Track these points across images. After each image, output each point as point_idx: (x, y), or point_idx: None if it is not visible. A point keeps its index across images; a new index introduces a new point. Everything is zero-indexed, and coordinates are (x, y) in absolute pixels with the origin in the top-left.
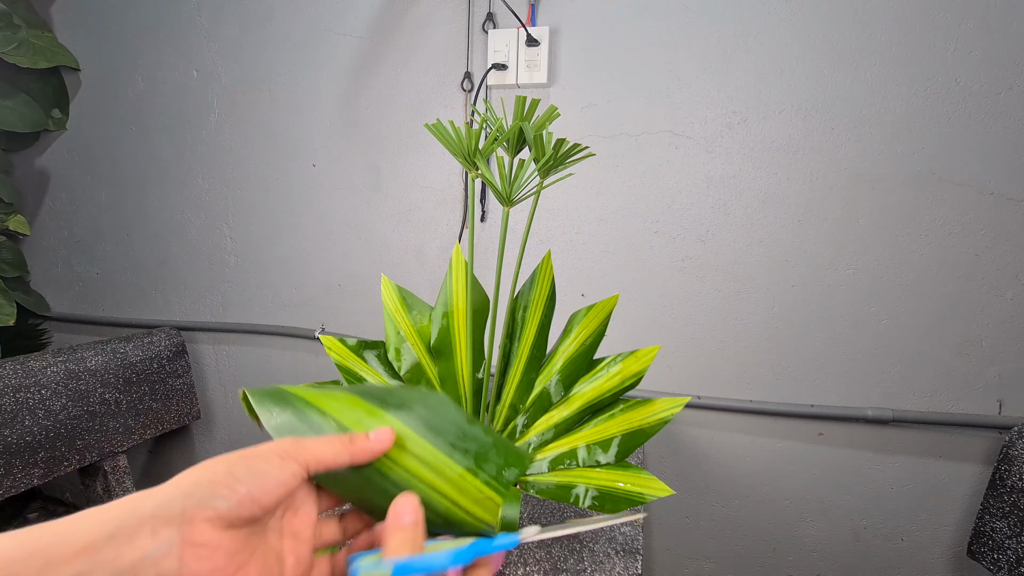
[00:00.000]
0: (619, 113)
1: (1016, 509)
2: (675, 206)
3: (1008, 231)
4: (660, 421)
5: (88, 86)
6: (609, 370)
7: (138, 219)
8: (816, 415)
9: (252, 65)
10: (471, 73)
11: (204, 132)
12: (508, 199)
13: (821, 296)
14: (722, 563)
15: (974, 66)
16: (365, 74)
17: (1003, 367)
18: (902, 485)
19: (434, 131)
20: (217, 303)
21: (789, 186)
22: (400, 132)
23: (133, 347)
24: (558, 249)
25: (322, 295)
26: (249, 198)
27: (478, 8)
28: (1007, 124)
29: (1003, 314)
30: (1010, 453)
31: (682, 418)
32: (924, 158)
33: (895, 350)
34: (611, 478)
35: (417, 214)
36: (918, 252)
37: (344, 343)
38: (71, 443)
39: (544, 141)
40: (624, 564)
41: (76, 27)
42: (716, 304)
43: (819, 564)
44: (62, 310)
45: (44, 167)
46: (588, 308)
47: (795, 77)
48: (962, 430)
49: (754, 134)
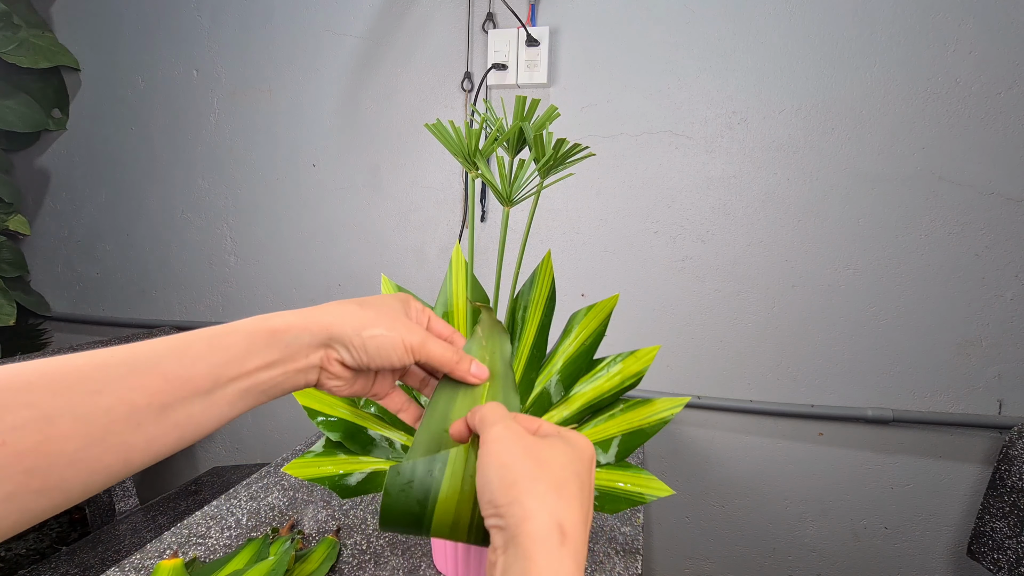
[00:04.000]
0: (619, 113)
1: (1016, 509)
2: (675, 206)
3: (1008, 231)
4: (660, 421)
5: (88, 86)
6: (609, 370)
7: (138, 219)
8: (816, 415)
9: (252, 65)
10: (471, 73)
11: (204, 132)
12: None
13: (821, 296)
14: (722, 563)
15: (974, 66)
16: (365, 74)
17: (1003, 367)
18: (902, 485)
19: (434, 131)
20: (217, 303)
21: (789, 186)
22: (400, 132)
23: None
24: (558, 249)
25: (322, 295)
26: (249, 198)
27: (478, 8)
28: (1007, 124)
29: (1003, 314)
30: (1010, 453)
31: (682, 418)
32: (924, 158)
33: (895, 350)
34: (611, 478)
35: (417, 214)
36: (918, 252)
37: None
38: None
39: (544, 141)
40: (624, 564)
41: (76, 27)
42: (716, 304)
43: (819, 564)
44: (62, 310)
45: (44, 167)
46: (588, 308)
47: (795, 77)
48: (962, 430)
49: (754, 134)
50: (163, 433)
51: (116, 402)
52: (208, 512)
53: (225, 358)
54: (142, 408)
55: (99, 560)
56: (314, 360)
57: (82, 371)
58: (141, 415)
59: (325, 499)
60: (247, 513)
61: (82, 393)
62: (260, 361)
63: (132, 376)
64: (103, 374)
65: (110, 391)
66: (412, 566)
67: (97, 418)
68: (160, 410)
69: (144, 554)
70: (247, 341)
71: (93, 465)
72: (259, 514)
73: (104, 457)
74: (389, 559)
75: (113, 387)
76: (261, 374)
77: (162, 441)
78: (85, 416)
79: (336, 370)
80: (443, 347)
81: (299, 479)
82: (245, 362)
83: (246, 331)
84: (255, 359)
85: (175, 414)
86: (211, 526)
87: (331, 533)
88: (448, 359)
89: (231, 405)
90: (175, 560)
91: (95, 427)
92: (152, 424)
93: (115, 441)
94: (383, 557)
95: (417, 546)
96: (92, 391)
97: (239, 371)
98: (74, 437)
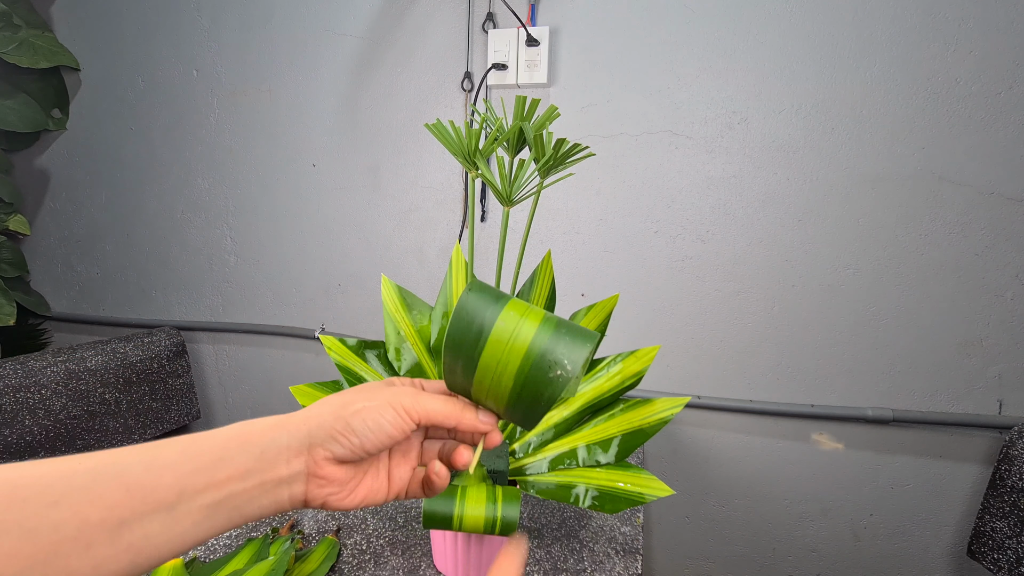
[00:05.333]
0: (619, 113)
1: (1016, 509)
2: (675, 206)
3: (1008, 231)
4: (660, 421)
5: (88, 86)
6: (609, 370)
7: (138, 219)
8: (816, 415)
9: (252, 65)
10: (471, 73)
11: (204, 132)
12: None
13: (821, 296)
14: (722, 563)
15: (974, 66)
16: (365, 74)
17: (1003, 367)
18: (902, 485)
19: (434, 131)
20: (217, 303)
21: (789, 186)
22: (400, 132)
23: (133, 347)
24: (558, 249)
25: (322, 295)
26: (249, 198)
27: (478, 8)
28: (1007, 124)
29: (1003, 314)
30: (1010, 453)
31: (682, 418)
32: (924, 158)
33: (895, 350)
34: (611, 478)
35: (417, 214)
36: (918, 252)
37: (344, 343)
38: (71, 443)
39: (544, 141)
40: (624, 564)
41: (76, 27)
42: (716, 304)
43: (819, 564)
44: (62, 310)
45: (44, 167)
46: (588, 308)
47: (795, 77)
48: (962, 430)
49: (754, 134)
50: (113, 556)
51: (69, 516)
52: None
53: (195, 466)
54: (94, 524)
55: None
56: (297, 467)
57: (45, 480)
58: (93, 533)
59: None
60: None
61: (37, 505)
62: (232, 470)
63: (94, 486)
64: (65, 484)
65: (67, 503)
66: (412, 566)
67: (45, 535)
68: (115, 528)
69: None
70: (220, 447)
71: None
72: None
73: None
74: (389, 559)
75: (71, 499)
76: (234, 485)
77: (111, 567)
78: (32, 531)
79: (329, 472)
80: (442, 400)
81: None
82: (215, 471)
83: (222, 437)
84: (227, 468)
85: (130, 533)
86: None
87: (331, 533)
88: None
89: (196, 525)
90: (175, 560)
91: (41, 546)
92: (103, 544)
93: (60, 565)
94: (383, 557)
95: (417, 546)
96: (48, 503)
97: (208, 481)
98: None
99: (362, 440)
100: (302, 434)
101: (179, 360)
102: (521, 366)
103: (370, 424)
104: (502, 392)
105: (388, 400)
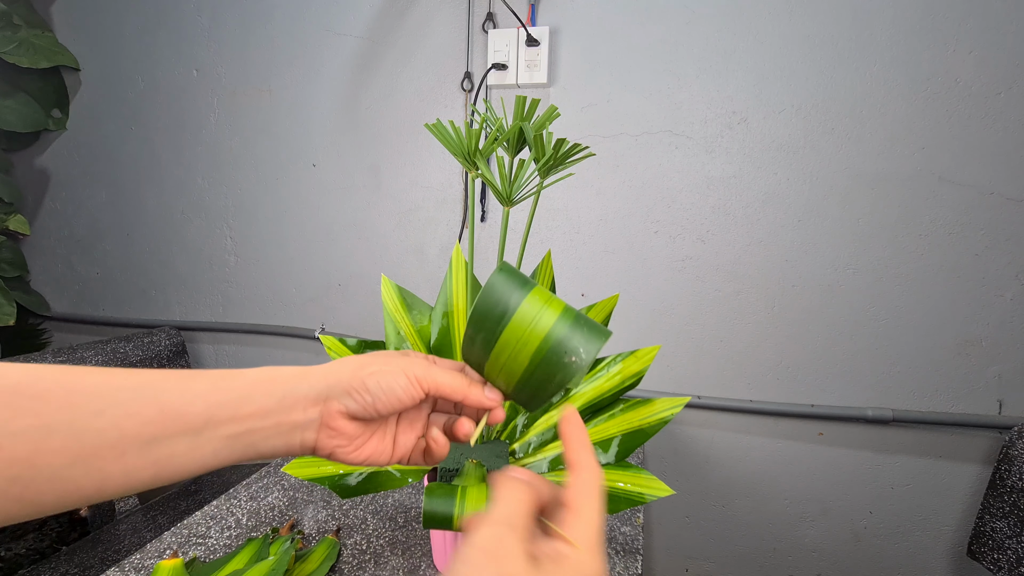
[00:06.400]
0: (619, 113)
1: (1016, 509)
2: (675, 206)
3: (1008, 231)
4: (660, 421)
5: (88, 86)
6: (609, 370)
7: (138, 219)
8: (816, 415)
9: (252, 65)
10: (471, 73)
11: (204, 132)
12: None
13: (821, 296)
14: (722, 563)
15: (974, 66)
16: (365, 74)
17: (1003, 367)
18: (902, 485)
19: (434, 131)
20: (217, 303)
21: (789, 186)
22: (400, 132)
23: (133, 347)
24: (558, 249)
25: (322, 295)
26: (249, 198)
27: (478, 8)
28: (1007, 124)
29: (1003, 314)
30: (1010, 453)
31: (682, 418)
32: (924, 158)
33: (895, 350)
34: (611, 478)
35: (417, 214)
36: (918, 252)
37: (344, 343)
38: None
39: (544, 141)
40: (624, 564)
41: (76, 27)
42: (716, 304)
43: (819, 564)
44: (62, 310)
45: (44, 167)
46: (588, 308)
47: (795, 77)
48: (962, 430)
49: (754, 134)
50: (142, 467)
51: (110, 426)
52: (208, 512)
53: (222, 399)
54: (130, 437)
55: (99, 560)
56: (312, 415)
57: (95, 389)
58: (127, 443)
59: (325, 499)
60: (247, 513)
61: (85, 412)
62: (254, 408)
63: (134, 402)
64: (111, 397)
65: (110, 414)
66: (412, 566)
67: (89, 438)
68: (147, 442)
69: (144, 554)
70: (247, 386)
71: (70, 486)
72: (259, 514)
73: (82, 479)
74: (389, 559)
75: (113, 411)
76: (254, 422)
77: (138, 476)
78: (79, 433)
79: (340, 425)
80: (451, 374)
81: (299, 479)
82: (240, 407)
83: (249, 377)
84: (250, 405)
85: (159, 449)
86: (211, 526)
87: (331, 533)
88: (459, 385)
89: (215, 452)
90: (175, 560)
91: (85, 447)
92: (135, 455)
93: (97, 466)
94: (383, 557)
95: (417, 546)
96: (95, 411)
97: (232, 415)
98: (63, 453)
99: (375, 400)
100: (321, 386)
101: (179, 360)
102: (540, 347)
103: (383, 386)
104: (516, 368)
105: (402, 367)
